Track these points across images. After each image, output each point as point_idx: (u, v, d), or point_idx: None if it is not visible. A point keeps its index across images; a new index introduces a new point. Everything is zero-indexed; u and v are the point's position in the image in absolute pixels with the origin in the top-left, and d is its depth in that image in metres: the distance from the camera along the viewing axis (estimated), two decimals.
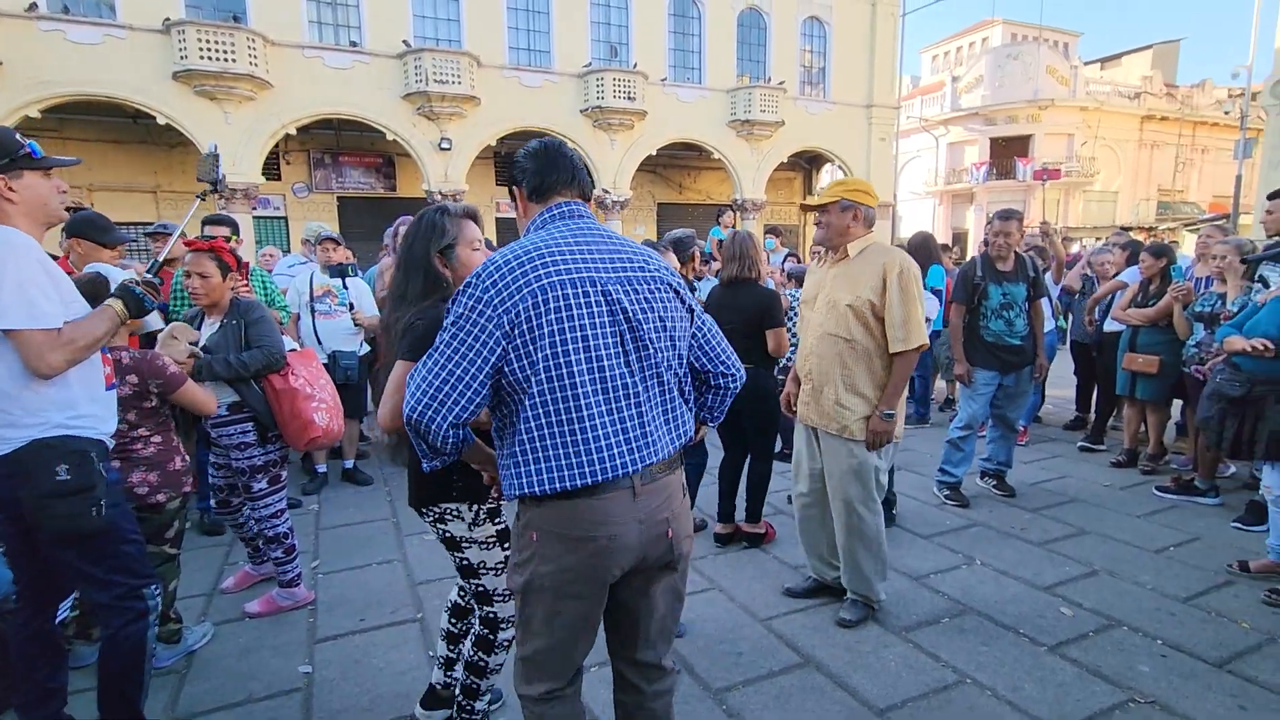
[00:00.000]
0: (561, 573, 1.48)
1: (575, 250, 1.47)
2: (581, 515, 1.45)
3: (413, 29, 15.63)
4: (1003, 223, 4.20)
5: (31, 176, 1.86)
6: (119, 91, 13.28)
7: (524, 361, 1.40)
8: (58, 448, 1.84)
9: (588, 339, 1.43)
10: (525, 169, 1.62)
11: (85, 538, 1.90)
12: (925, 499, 4.41)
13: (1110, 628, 2.85)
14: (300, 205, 17.32)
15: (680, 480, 1.63)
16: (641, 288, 1.51)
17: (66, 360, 1.80)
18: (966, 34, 36.30)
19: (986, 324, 4.22)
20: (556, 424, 1.42)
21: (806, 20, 19.82)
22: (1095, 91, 28.68)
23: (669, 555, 1.57)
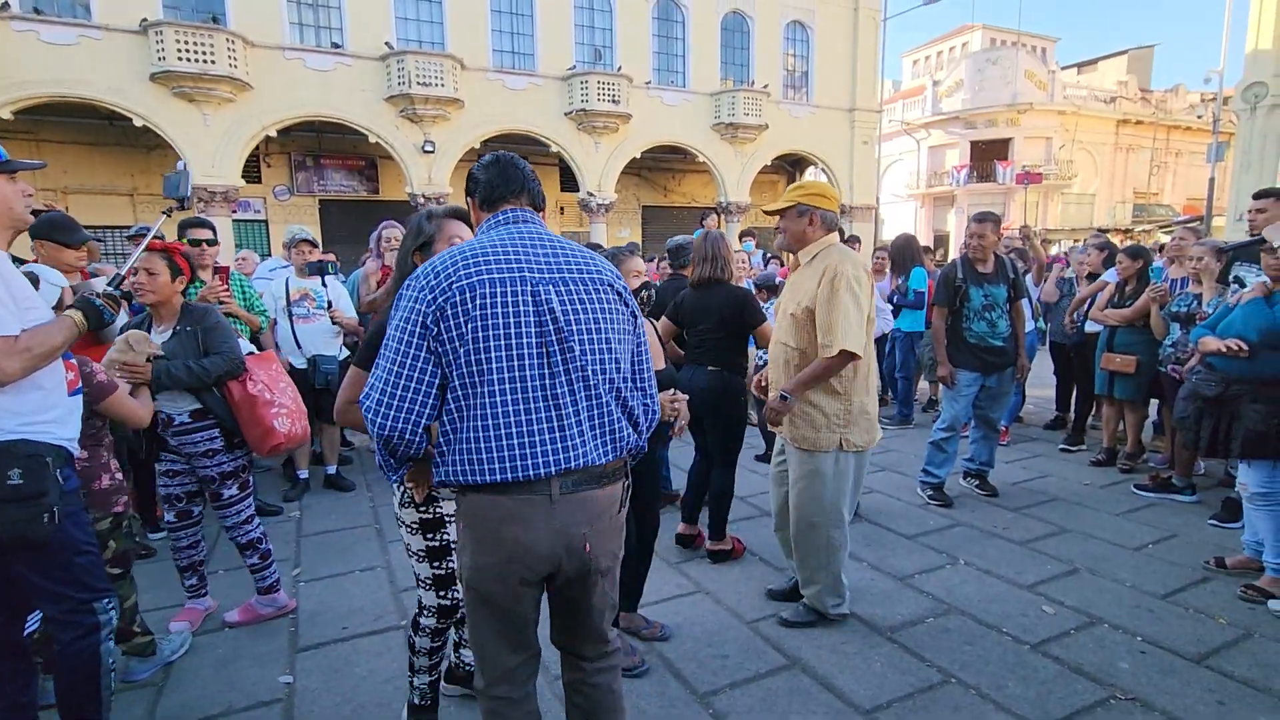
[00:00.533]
0: (478, 569, 1.52)
1: (511, 251, 1.51)
2: (492, 512, 1.48)
3: (395, 31, 15.53)
4: (978, 225, 4.24)
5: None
6: (94, 93, 13.06)
7: (449, 357, 1.45)
8: (11, 452, 1.80)
9: (509, 337, 1.45)
10: (478, 180, 1.68)
11: (35, 546, 1.85)
12: (909, 499, 4.44)
13: (1091, 625, 2.88)
14: (281, 208, 17.14)
15: (615, 495, 1.60)
16: (576, 289, 1.54)
17: (22, 368, 1.76)
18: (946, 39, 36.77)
19: (969, 325, 4.26)
20: (472, 419, 1.45)
21: (789, 24, 19.95)
22: (1073, 96, 29.15)
23: (585, 570, 1.56)
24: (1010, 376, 4.36)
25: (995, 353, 4.25)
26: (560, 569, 1.54)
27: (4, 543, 1.82)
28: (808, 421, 2.74)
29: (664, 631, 2.81)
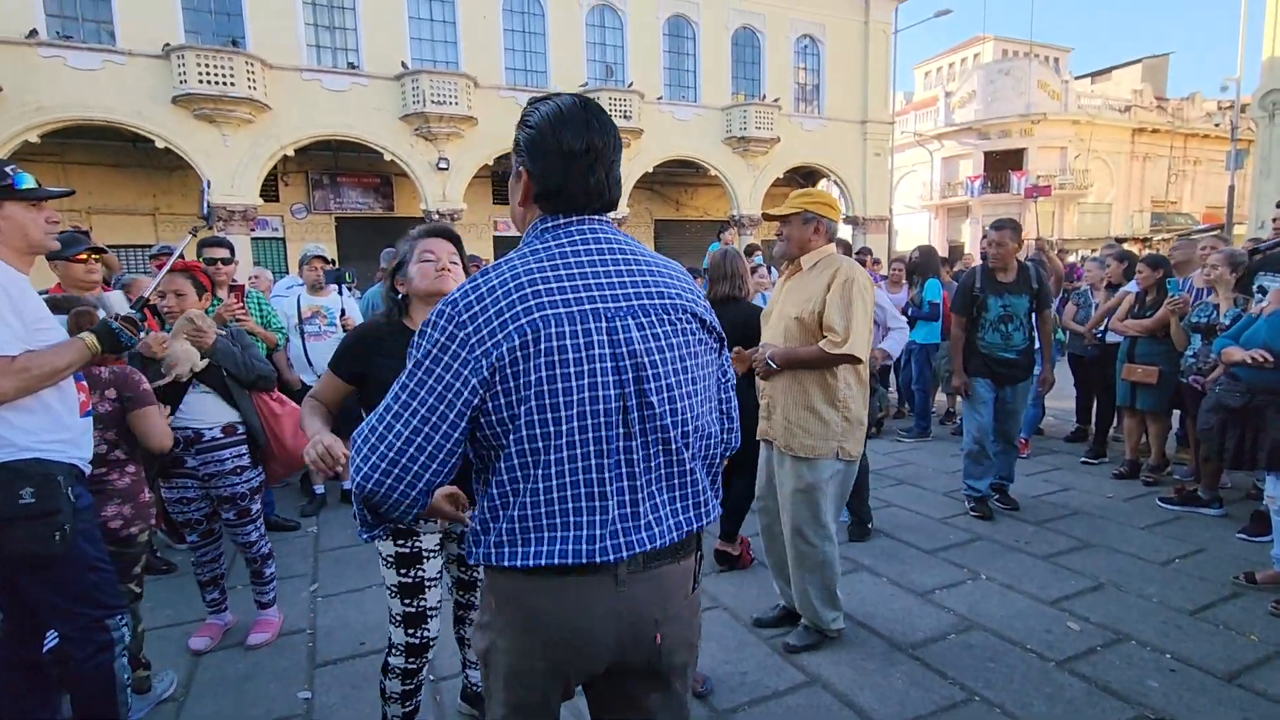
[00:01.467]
0: (516, 654, 1.21)
1: (571, 275, 1.16)
2: (543, 596, 1.17)
3: (410, 51, 15.79)
4: (997, 233, 4.17)
5: (12, 206, 1.86)
6: (118, 116, 13.38)
7: (502, 414, 1.12)
8: (24, 471, 1.82)
9: (581, 391, 1.13)
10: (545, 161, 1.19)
11: (46, 563, 1.86)
12: (927, 513, 4.39)
13: (1118, 642, 2.82)
14: (298, 226, 17.40)
15: (689, 570, 1.29)
16: (659, 320, 1.20)
17: (16, 389, 1.78)
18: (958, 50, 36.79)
19: (982, 336, 4.22)
20: (531, 494, 1.14)
21: (800, 38, 20.07)
22: (1087, 105, 29.03)
23: (655, 663, 1.24)
24: (1025, 391, 4.28)
25: (1006, 365, 4.18)
26: (621, 664, 1.22)
27: (16, 560, 1.84)
28: (806, 430, 2.72)
29: (706, 686, 2.54)
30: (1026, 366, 4.20)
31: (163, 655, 2.80)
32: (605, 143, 1.20)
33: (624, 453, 1.17)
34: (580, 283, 1.16)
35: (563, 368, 1.12)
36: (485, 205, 18.72)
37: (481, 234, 18.43)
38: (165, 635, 3.01)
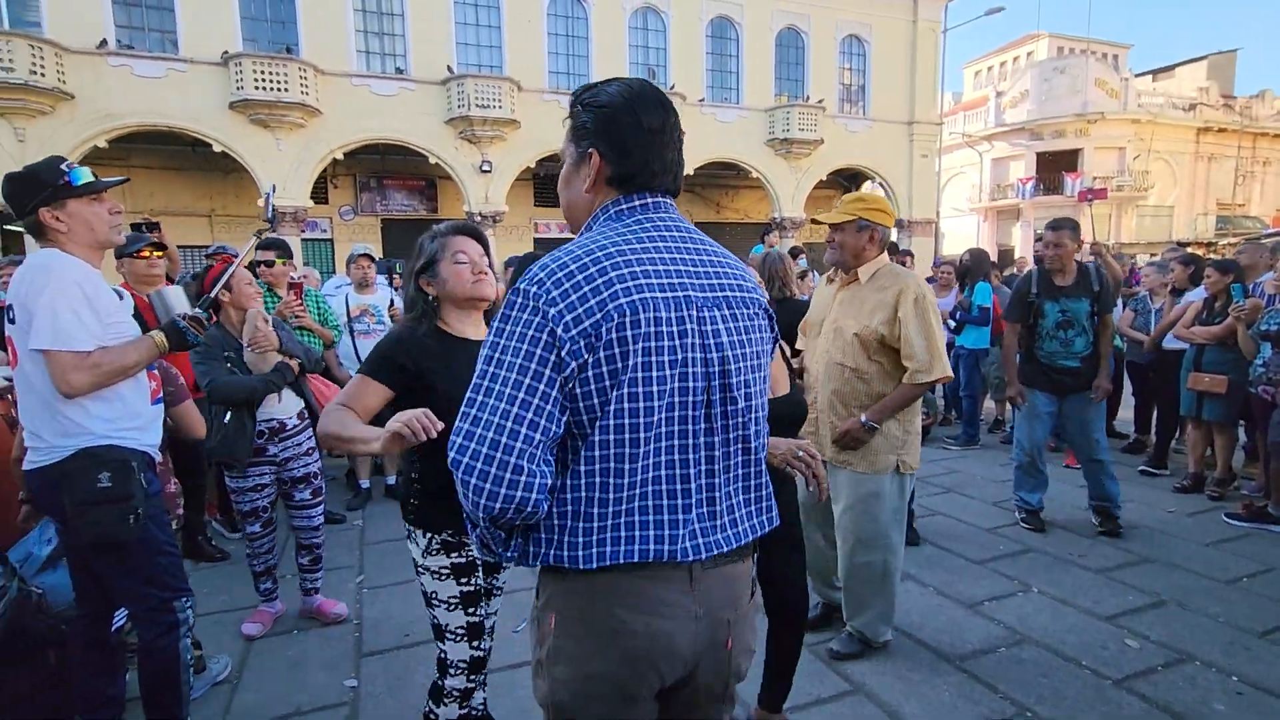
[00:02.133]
0: (585, 681, 1.09)
1: (664, 258, 1.10)
2: (616, 595, 1.08)
3: (456, 56, 16.09)
4: (1054, 233, 3.94)
5: (75, 204, 1.95)
6: (179, 121, 13.95)
7: (594, 400, 1.04)
8: (101, 456, 1.91)
9: (674, 380, 1.07)
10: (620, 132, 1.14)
11: (120, 546, 1.94)
12: (975, 522, 4.26)
13: (1181, 662, 2.70)
14: (346, 228, 17.86)
15: (750, 571, 1.23)
16: (741, 314, 1.16)
17: (91, 383, 1.87)
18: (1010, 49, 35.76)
19: (1040, 344, 4.00)
20: (615, 485, 1.06)
21: (846, 38, 19.78)
22: (1148, 104, 27.90)
23: (723, 675, 1.19)
24: (1090, 399, 3.99)
25: (1068, 373, 3.95)
26: (693, 675, 1.14)
27: (93, 543, 1.93)
28: (871, 447, 2.63)
29: None
30: (1091, 375, 3.93)
31: (216, 640, 2.90)
32: (676, 120, 1.18)
33: (706, 449, 1.12)
34: (670, 267, 1.10)
35: (658, 355, 1.06)
36: (526, 207, 18.92)
37: (522, 236, 18.64)
38: (220, 620, 3.12)
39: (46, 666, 2.32)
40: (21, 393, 1.95)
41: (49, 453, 1.91)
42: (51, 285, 1.84)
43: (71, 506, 1.88)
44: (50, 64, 12.61)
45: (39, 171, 1.96)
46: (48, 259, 1.90)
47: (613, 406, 1.05)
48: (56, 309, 1.82)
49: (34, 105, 12.65)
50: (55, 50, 12.71)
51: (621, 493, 1.07)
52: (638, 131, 1.14)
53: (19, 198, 1.94)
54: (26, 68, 12.25)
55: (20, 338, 1.88)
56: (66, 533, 2.04)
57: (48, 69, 12.56)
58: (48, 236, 1.95)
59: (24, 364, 1.90)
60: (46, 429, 1.91)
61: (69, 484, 1.88)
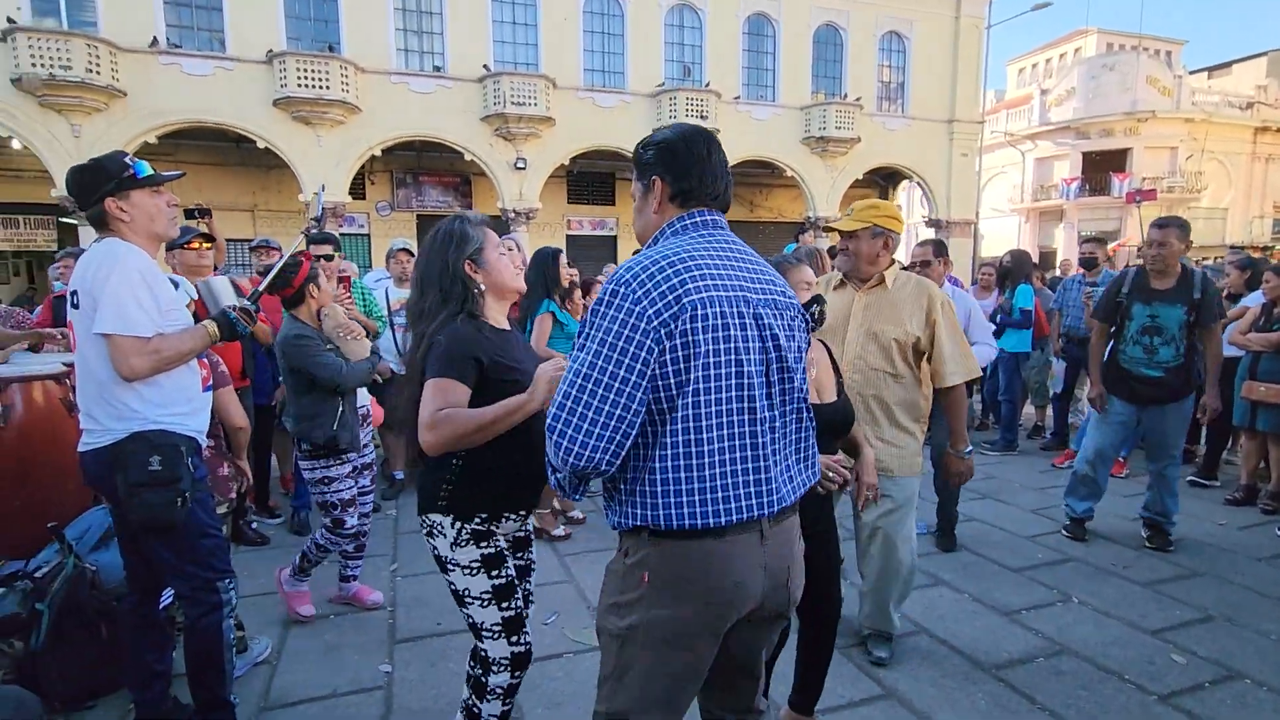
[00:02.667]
0: (675, 622, 1.31)
1: (723, 265, 1.34)
2: (706, 559, 1.30)
3: (492, 53, 16.22)
4: (1160, 231, 3.68)
5: (139, 195, 2.03)
6: (226, 118, 14.32)
7: (671, 381, 1.27)
8: (153, 440, 1.97)
9: (741, 364, 1.30)
10: (680, 162, 1.42)
11: (167, 528, 2.00)
12: (1012, 529, 4.17)
13: (1230, 679, 2.60)
14: (382, 223, 18.16)
15: (798, 522, 1.48)
16: (784, 313, 1.41)
17: (151, 368, 1.94)
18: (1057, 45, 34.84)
19: (1124, 348, 3.80)
20: (696, 455, 1.28)
21: (885, 35, 19.44)
22: (1202, 102, 26.88)
23: (785, 605, 1.44)
24: (1176, 416, 3.74)
25: (1148, 383, 3.73)
26: (760, 607, 1.38)
27: (142, 523, 1.99)
28: (899, 448, 2.65)
29: None
30: (1176, 388, 3.69)
31: (256, 622, 2.98)
32: (720, 150, 1.47)
33: (770, 421, 1.36)
34: (729, 272, 1.35)
35: (725, 342, 1.29)
36: (559, 204, 19.01)
37: (554, 232, 18.75)
38: (259, 603, 3.20)
39: (100, 640, 2.42)
40: (80, 377, 2.02)
41: (102, 435, 1.98)
42: (117, 272, 1.90)
43: (124, 487, 1.95)
44: (105, 62, 13.05)
45: (105, 163, 2.02)
46: (113, 247, 1.96)
47: (689, 387, 1.27)
48: (121, 295, 1.89)
49: (90, 103, 13.10)
50: (110, 49, 13.15)
51: (703, 460, 1.29)
52: (689, 157, 1.42)
53: (86, 187, 2.00)
54: (83, 66, 12.70)
55: (83, 322, 1.95)
56: (117, 513, 2.11)
57: (103, 67, 13.00)
58: (110, 226, 2.01)
59: (84, 348, 1.97)
60: (101, 412, 1.97)
61: (122, 466, 1.95)
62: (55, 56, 12.49)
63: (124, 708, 2.37)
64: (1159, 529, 3.88)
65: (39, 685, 2.23)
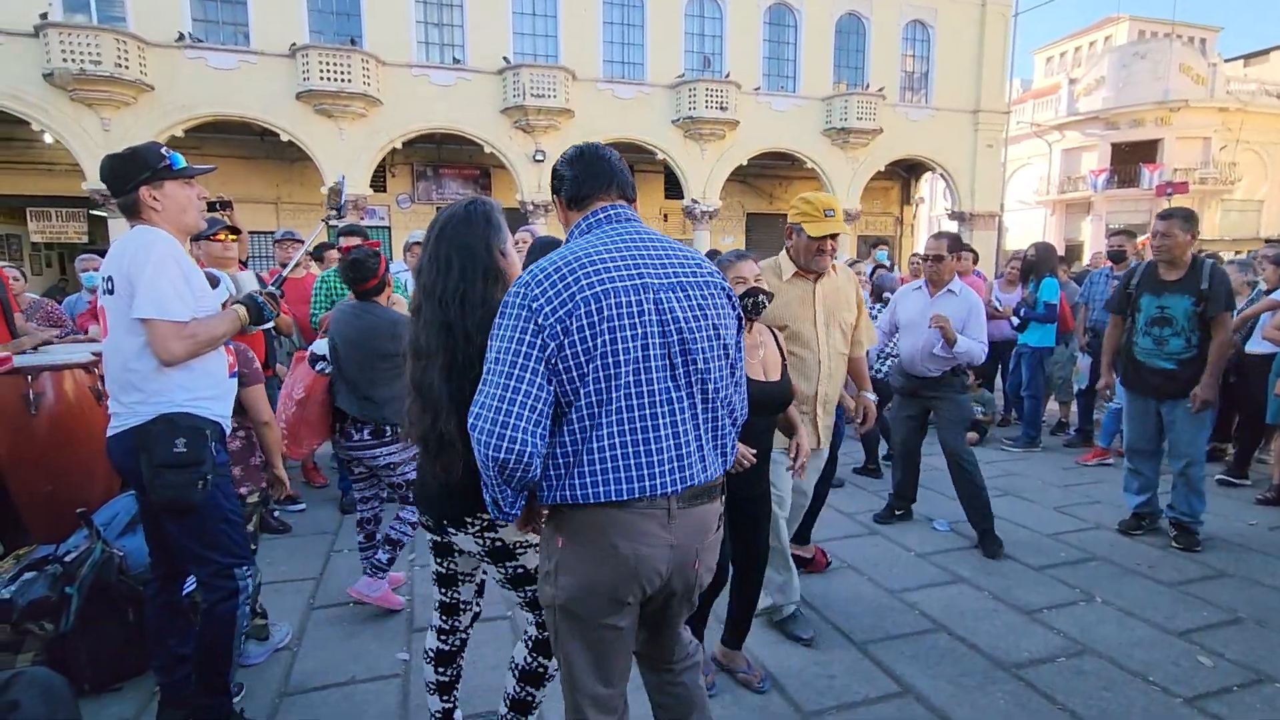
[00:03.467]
0: (585, 587, 1.43)
1: (623, 256, 1.43)
2: (610, 526, 1.40)
3: (512, 46, 16.23)
4: (1164, 222, 3.66)
5: (172, 185, 2.06)
6: (250, 112, 14.50)
7: (573, 374, 1.36)
8: (179, 423, 2.00)
9: (639, 350, 1.38)
10: (562, 176, 1.58)
11: (189, 510, 2.03)
12: (1035, 527, 4.10)
13: (1259, 683, 2.54)
14: (403, 215, 18.29)
15: (718, 510, 1.57)
16: (694, 293, 1.47)
17: (188, 351, 1.97)
18: (1086, 33, 34.05)
19: (1136, 339, 3.79)
20: (597, 438, 1.38)
21: (909, 24, 19.13)
22: (1237, 91, 26.13)
23: (689, 586, 1.53)
24: (1188, 410, 3.66)
25: (1161, 375, 3.69)
26: (666, 586, 1.48)
27: (164, 505, 2.02)
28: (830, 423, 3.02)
29: (762, 684, 2.49)
30: (1188, 381, 3.63)
31: (277, 609, 3.02)
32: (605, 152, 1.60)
33: (674, 402, 1.43)
34: (631, 261, 1.43)
35: (621, 331, 1.37)
36: None
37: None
38: (281, 590, 3.26)
39: (127, 624, 2.47)
40: (110, 362, 2.04)
41: (129, 418, 2.01)
42: (154, 258, 1.93)
43: (148, 468, 1.98)
44: (134, 57, 13.26)
45: (142, 152, 2.05)
46: (148, 235, 1.99)
47: (589, 376, 1.37)
48: (158, 281, 1.92)
49: (119, 97, 13.34)
50: (138, 44, 13.37)
51: (603, 442, 1.38)
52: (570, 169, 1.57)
53: (122, 174, 2.02)
54: (113, 61, 12.92)
55: (117, 307, 1.97)
56: (142, 497, 2.14)
57: (131, 62, 13.22)
58: (141, 215, 2.04)
59: (116, 333, 2.00)
60: (130, 396, 2.00)
61: (147, 447, 1.98)
62: (86, 51, 12.71)
63: (151, 690, 2.42)
64: (1185, 529, 3.79)
65: (68, 667, 2.28)
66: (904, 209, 23.20)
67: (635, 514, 1.40)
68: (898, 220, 23.07)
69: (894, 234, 22.41)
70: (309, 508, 4.37)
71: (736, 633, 2.55)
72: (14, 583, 2.41)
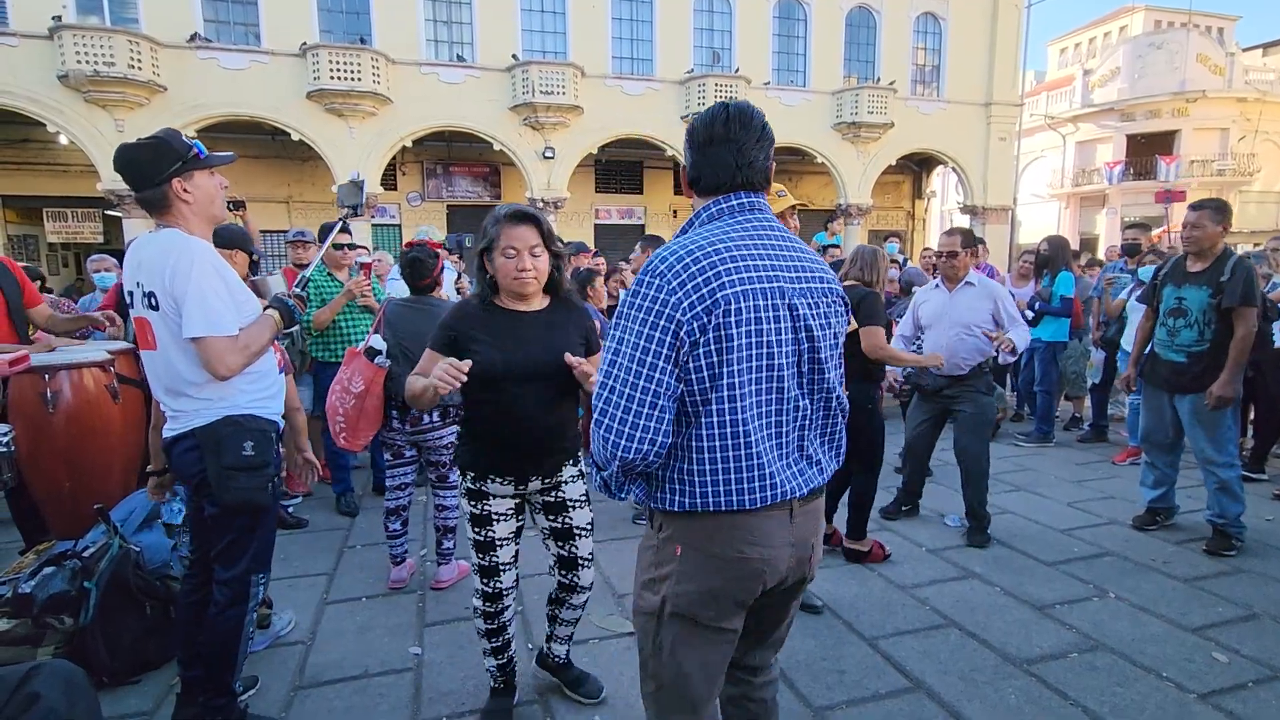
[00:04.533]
0: (705, 594, 1.37)
1: (759, 254, 1.34)
2: (737, 532, 1.35)
3: (521, 43, 16.24)
4: (1195, 213, 3.60)
5: (201, 176, 1.99)
6: (260, 111, 14.59)
7: (705, 374, 1.30)
8: (246, 425, 1.98)
9: (773, 356, 1.33)
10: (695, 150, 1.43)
11: (262, 510, 2.03)
12: (1048, 523, 4.08)
13: (1274, 679, 2.52)
14: (413, 213, 18.36)
15: (824, 503, 1.60)
16: (821, 301, 1.41)
17: (242, 363, 1.94)
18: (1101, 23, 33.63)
19: (1157, 330, 3.79)
20: (731, 444, 1.32)
21: (920, 16, 18.96)
22: (1256, 81, 25.66)
23: (803, 579, 1.51)
24: (1198, 406, 3.58)
25: (1168, 366, 3.68)
26: (782, 581, 1.45)
27: (233, 507, 1.98)
28: None
29: None
30: (1200, 374, 3.55)
31: (292, 603, 3.07)
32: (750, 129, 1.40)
33: (802, 410, 1.40)
34: (766, 262, 1.35)
35: (759, 336, 1.31)
36: (588, 193, 19.01)
37: (583, 222, 18.76)
38: (295, 584, 3.30)
39: (144, 618, 2.51)
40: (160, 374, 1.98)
41: (191, 418, 1.96)
42: (196, 271, 1.86)
43: (216, 470, 1.93)
44: (146, 58, 13.38)
45: (170, 141, 1.94)
46: (184, 244, 1.90)
47: (723, 380, 1.30)
48: (205, 295, 1.86)
49: (132, 97, 13.46)
50: (151, 45, 13.48)
51: (738, 448, 1.33)
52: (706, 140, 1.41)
53: (151, 166, 1.91)
54: (126, 61, 13.04)
55: (166, 325, 1.91)
56: (197, 496, 2.07)
57: (144, 63, 13.33)
58: (171, 210, 1.95)
59: (167, 348, 1.94)
60: (186, 404, 1.96)
61: (215, 450, 1.93)
62: (99, 53, 12.84)
63: (168, 683, 2.46)
64: (1219, 532, 3.67)
65: (87, 660, 2.32)
66: (916, 203, 23.03)
67: (762, 519, 1.36)
68: (909, 214, 22.91)
69: (906, 228, 22.25)
70: (321, 504, 4.41)
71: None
72: (34, 578, 2.46)
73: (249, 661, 2.33)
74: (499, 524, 2.13)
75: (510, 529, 2.17)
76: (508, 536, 2.16)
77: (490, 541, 2.13)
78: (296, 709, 2.39)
